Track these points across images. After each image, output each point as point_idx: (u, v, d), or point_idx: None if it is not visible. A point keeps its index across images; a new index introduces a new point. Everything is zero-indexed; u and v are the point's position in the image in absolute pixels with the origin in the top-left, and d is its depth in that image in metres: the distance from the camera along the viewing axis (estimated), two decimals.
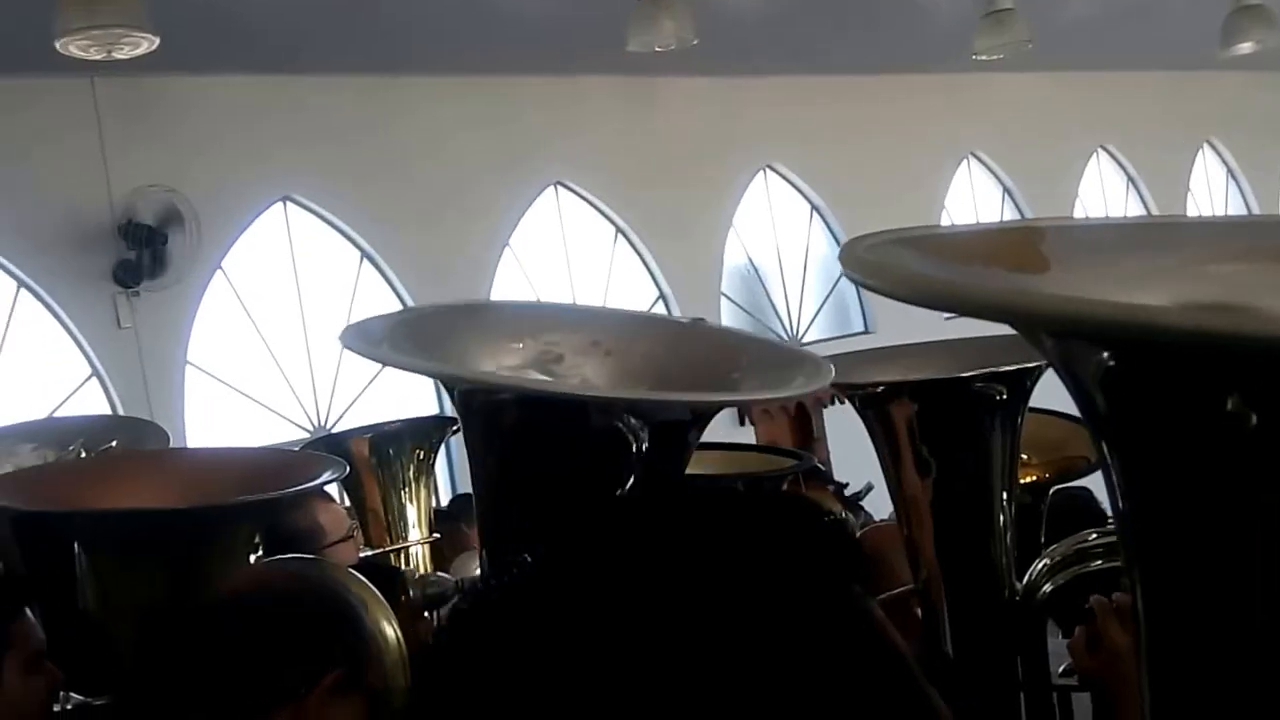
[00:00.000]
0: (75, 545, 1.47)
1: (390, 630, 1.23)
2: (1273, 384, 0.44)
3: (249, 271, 6.76)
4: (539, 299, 7.20)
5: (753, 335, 1.29)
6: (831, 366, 1.13)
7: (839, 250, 0.56)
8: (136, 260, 6.04)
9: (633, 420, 0.98)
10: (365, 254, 7.13)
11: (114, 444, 2.10)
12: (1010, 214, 9.97)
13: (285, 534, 2.22)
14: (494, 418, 1.07)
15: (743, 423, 8.19)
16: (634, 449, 0.98)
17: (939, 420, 1.50)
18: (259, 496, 1.56)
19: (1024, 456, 1.86)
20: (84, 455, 2.04)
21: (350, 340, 1.09)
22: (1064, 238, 0.63)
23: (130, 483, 1.66)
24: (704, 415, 1.08)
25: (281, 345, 6.81)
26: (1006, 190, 10.18)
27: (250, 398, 6.62)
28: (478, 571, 1.23)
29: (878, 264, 0.54)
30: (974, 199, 9.97)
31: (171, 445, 2.47)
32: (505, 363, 1.15)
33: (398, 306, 7.23)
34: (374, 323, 1.17)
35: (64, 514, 1.51)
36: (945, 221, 9.44)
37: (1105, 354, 0.50)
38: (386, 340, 1.11)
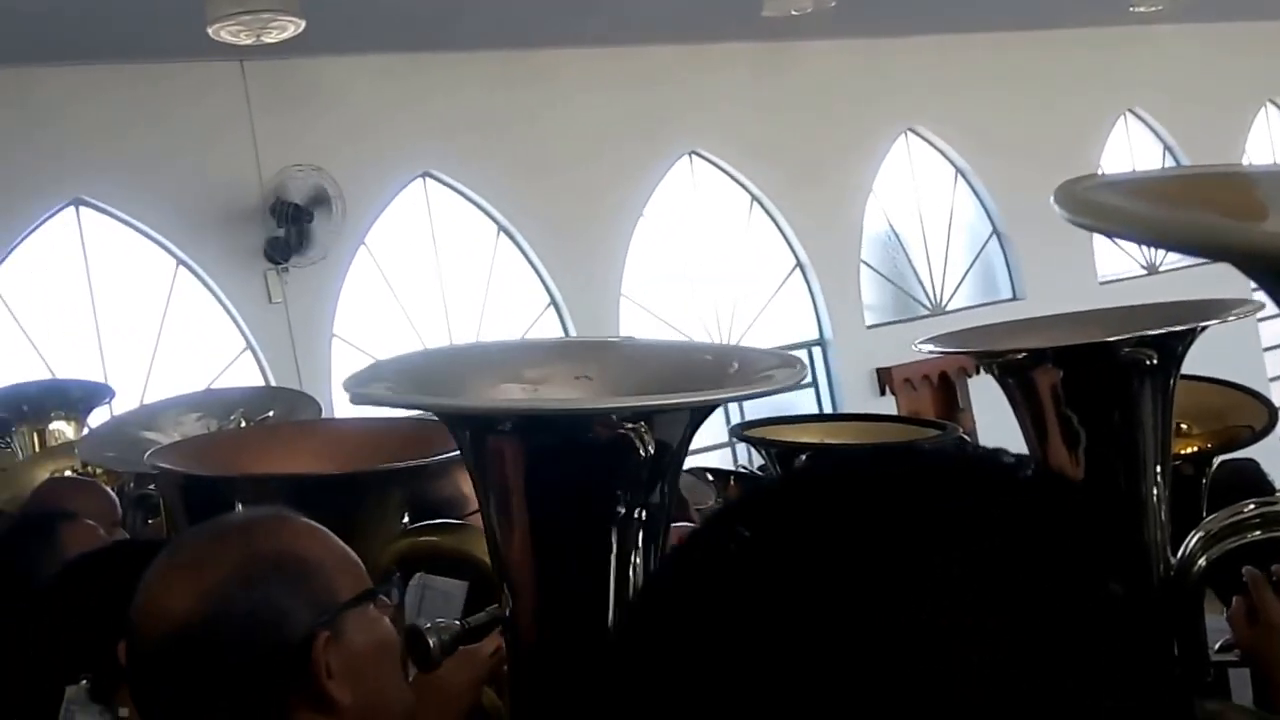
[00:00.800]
0: (238, 508, 1.55)
1: None
2: None
3: (391, 247, 6.97)
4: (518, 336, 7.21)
5: (694, 342, 1.32)
6: (803, 363, 1.13)
7: (1053, 194, 0.53)
8: (286, 238, 6.29)
9: (637, 425, 1.00)
10: (502, 227, 7.27)
11: (271, 414, 2.20)
12: None
13: (430, 502, 2.30)
14: (505, 445, 1.09)
15: (883, 392, 8.03)
16: (641, 455, 1.00)
17: (1084, 387, 1.44)
18: (408, 463, 1.61)
19: (1184, 426, 1.79)
20: (244, 424, 2.15)
21: (351, 386, 1.13)
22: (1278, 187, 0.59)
23: (287, 450, 1.75)
24: (701, 413, 1.09)
25: (422, 318, 7.02)
26: (1167, 148, 9.61)
27: None
28: None
29: (1102, 204, 0.50)
30: (1132, 158, 9.45)
31: (322, 415, 2.58)
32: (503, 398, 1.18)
33: (533, 279, 7.36)
34: (364, 373, 1.22)
35: (229, 479, 1.60)
36: None
37: None
38: (386, 385, 1.15)
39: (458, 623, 1.29)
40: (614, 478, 1.06)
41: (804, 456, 2.36)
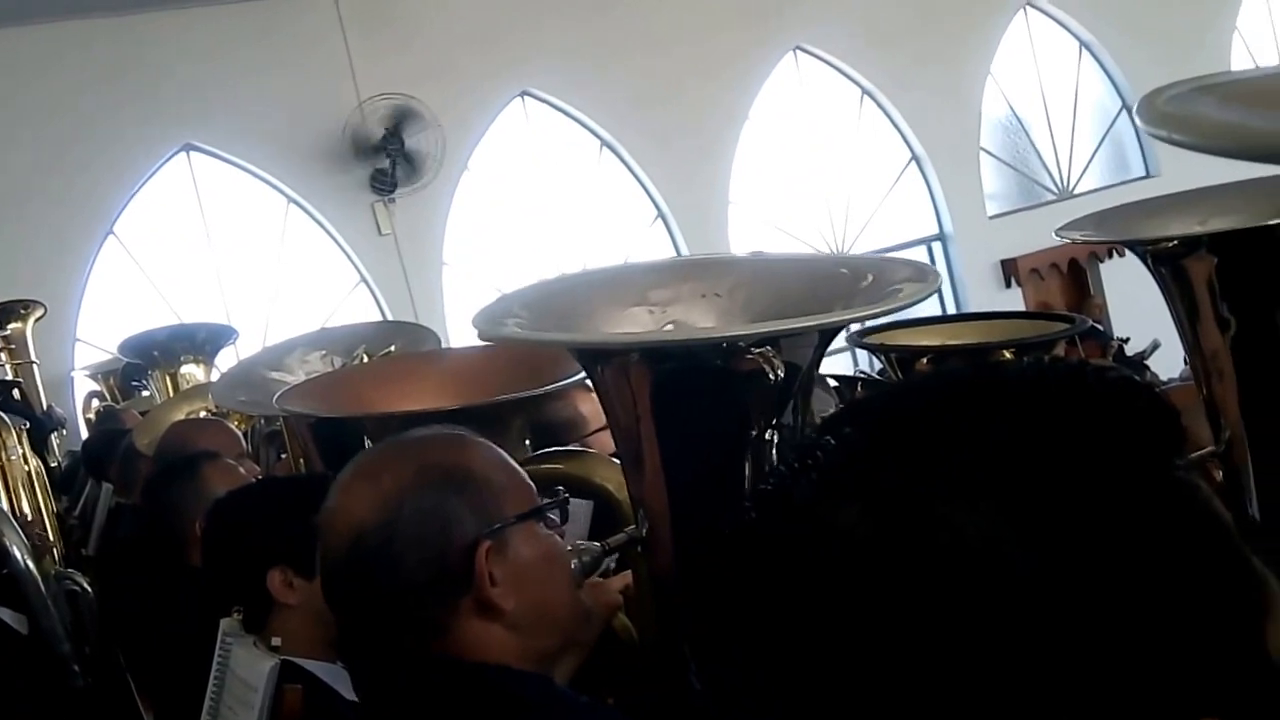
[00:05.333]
0: (368, 445, 1.57)
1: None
2: None
3: (494, 170, 6.96)
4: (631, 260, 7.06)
5: (822, 254, 1.24)
6: (934, 268, 1.12)
7: (1135, 107, 0.49)
8: (390, 168, 6.34)
9: (765, 350, 0.99)
10: (604, 142, 7.19)
11: (393, 348, 2.23)
12: None
13: (551, 423, 2.31)
14: (636, 375, 1.09)
15: (1009, 284, 7.75)
16: (771, 379, 0.99)
17: (1242, 274, 1.40)
18: (527, 393, 1.61)
19: None
20: (367, 359, 2.19)
21: (485, 329, 1.13)
22: None
23: (410, 383, 1.78)
24: (830, 334, 1.08)
25: (529, 240, 7.02)
26: None
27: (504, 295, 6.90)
28: None
29: (1183, 117, 0.46)
30: (1273, 21, 8.72)
31: (441, 345, 2.62)
32: (629, 328, 1.19)
33: (639, 192, 7.28)
34: (493, 308, 1.21)
35: (354, 418, 1.62)
36: (1238, 49, 8.35)
37: None
38: (516, 321, 1.15)
39: (598, 545, 1.29)
40: (745, 402, 1.05)
41: (924, 360, 2.32)
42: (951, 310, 7.43)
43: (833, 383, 3.96)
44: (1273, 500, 1.47)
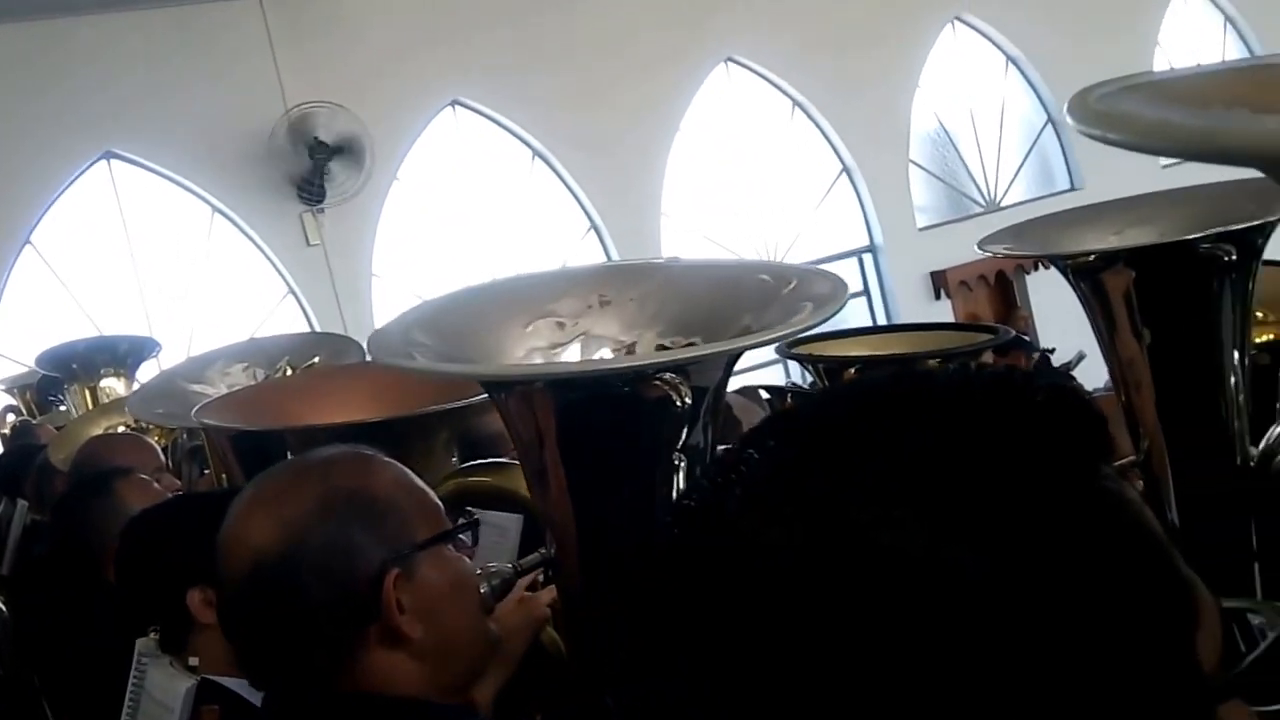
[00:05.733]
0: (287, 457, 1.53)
1: None
2: None
3: (425, 180, 6.88)
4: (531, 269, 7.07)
5: (735, 261, 1.22)
6: (841, 281, 1.10)
7: (1067, 105, 0.49)
8: (319, 178, 6.24)
9: (671, 377, 0.98)
10: (536, 152, 7.17)
11: (316, 360, 2.19)
12: (1234, 45, 8.98)
13: (481, 436, 2.29)
14: (549, 403, 1.08)
15: (939, 296, 7.88)
16: (678, 405, 0.98)
17: (1160, 287, 1.42)
18: (453, 404, 1.58)
19: (1259, 314, 1.73)
20: (290, 372, 2.15)
21: (379, 355, 1.10)
22: None
23: (334, 395, 1.74)
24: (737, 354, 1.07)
25: (461, 250, 6.94)
26: (1228, 19, 9.15)
27: None
28: None
29: (1115, 115, 0.47)
30: (1192, 33, 9.02)
31: (366, 357, 2.58)
32: (532, 345, 1.17)
33: (571, 203, 7.27)
34: (391, 330, 1.17)
35: (275, 432, 1.58)
36: (1160, 61, 8.61)
37: None
38: (411, 347, 1.12)
39: (509, 566, 1.28)
40: (651, 425, 1.04)
41: (852, 370, 2.34)
42: (883, 321, 7.55)
43: (764, 394, 3.98)
44: (1192, 508, 1.51)
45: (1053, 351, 6.35)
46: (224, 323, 6.10)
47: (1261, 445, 1.45)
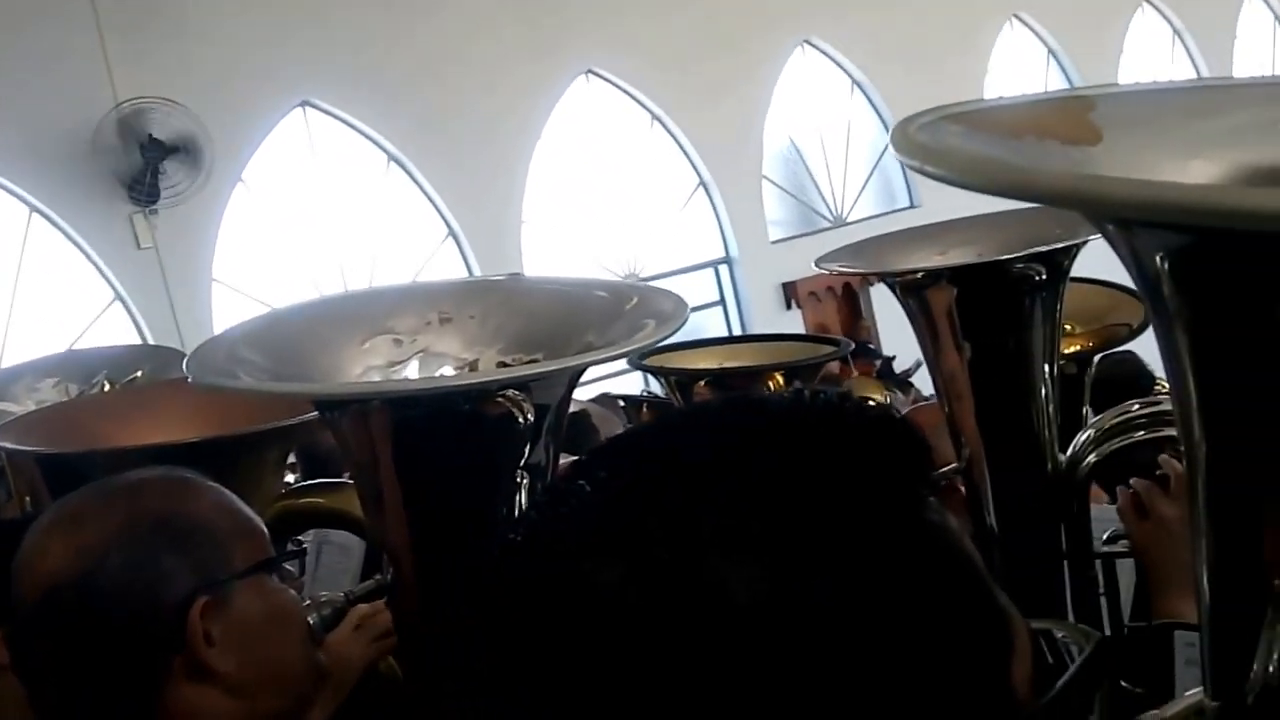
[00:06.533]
0: None
1: None
2: None
3: (273, 183, 6.65)
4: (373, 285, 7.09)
5: (577, 279, 1.23)
6: (682, 300, 1.10)
7: (890, 134, 0.51)
8: (152, 177, 5.93)
9: (514, 394, 0.97)
10: (392, 157, 7.02)
11: (139, 374, 2.08)
12: (1055, 75, 9.61)
13: (321, 451, 2.21)
14: (383, 422, 1.04)
15: (790, 306, 8.10)
16: (521, 422, 0.98)
17: (978, 304, 1.50)
18: (282, 423, 1.52)
19: (1067, 327, 1.86)
20: (108, 388, 2.03)
21: (198, 374, 1.04)
22: (1114, 106, 0.62)
23: (154, 414, 1.64)
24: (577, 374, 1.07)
25: (311, 257, 6.73)
26: (1051, 51, 9.76)
27: None
28: None
29: (934, 148, 0.48)
30: (1018, 62, 9.58)
31: None
32: (369, 363, 1.13)
33: (429, 210, 7.15)
34: (214, 347, 1.12)
35: (83, 454, 1.48)
36: (990, 88, 9.09)
37: (1175, 236, 0.48)
38: (236, 365, 1.07)
39: (341, 595, 1.23)
40: (491, 444, 1.02)
41: (702, 383, 2.38)
42: (738, 329, 7.72)
43: (620, 404, 4.00)
44: (1008, 512, 1.59)
45: (894, 359, 6.64)
46: (42, 332, 5.72)
47: (1069, 452, 1.54)
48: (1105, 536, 1.55)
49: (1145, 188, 0.43)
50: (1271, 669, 0.54)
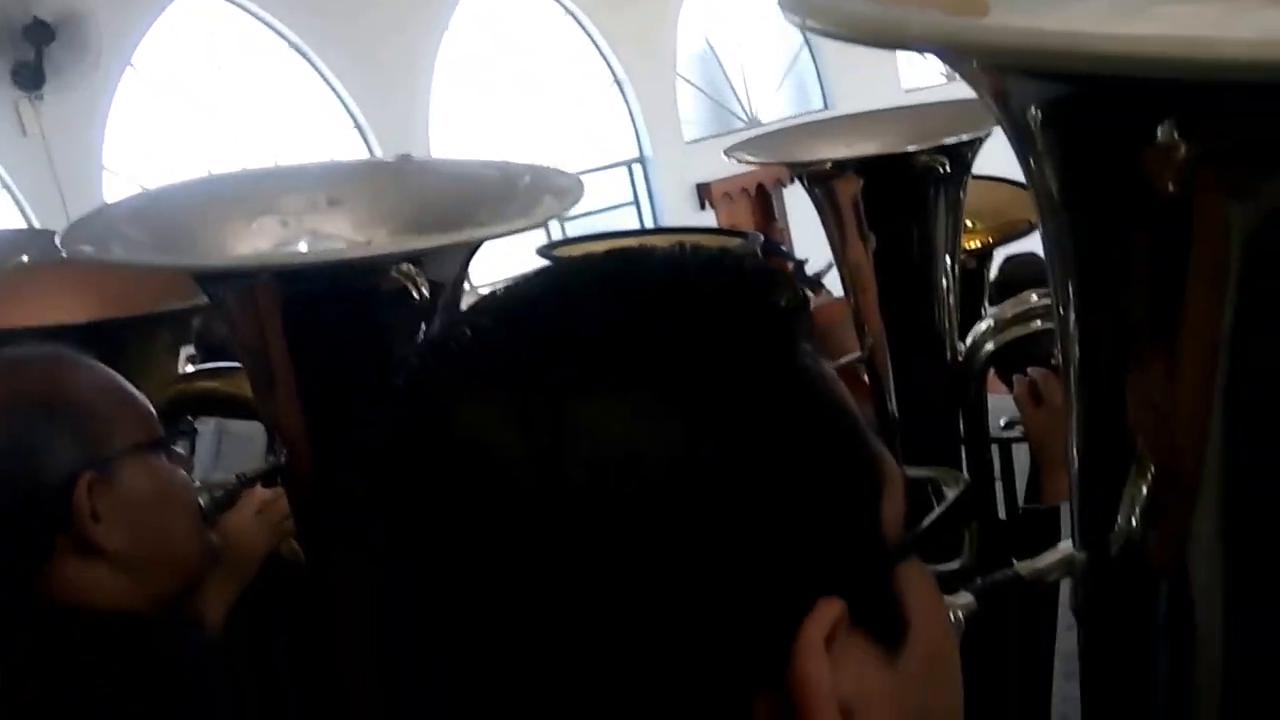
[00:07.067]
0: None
1: None
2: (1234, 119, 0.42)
3: (164, 68, 6.36)
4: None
5: (469, 160, 1.20)
6: (578, 178, 1.09)
7: None
8: (36, 61, 5.62)
9: (408, 269, 0.95)
10: (292, 44, 6.72)
11: (24, 259, 1.98)
12: None
13: (218, 339, 2.15)
14: (275, 300, 1.02)
15: (704, 207, 8.08)
16: (417, 298, 0.95)
17: (884, 195, 1.53)
18: (176, 305, 1.48)
19: (968, 223, 1.90)
20: None
21: (72, 245, 1.00)
22: None
23: (39, 297, 1.59)
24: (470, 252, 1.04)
25: (208, 146, 6.47)
26: None
27: None
28: None
29: (819, 5, 0.48)
30: None
31: None
32: (256, 244, 1.10)
33: (333, 100, 6.89)
34: (92, 221, 1.07)
35: None
36: None
37: (1047, 86, 0.50)
38: (115, 241, 1.03)
39: (233, 477, 1.21)
40: (386, 321, 1.00)
41: None
42: None
43: None
44: (909, 400, 1.64)
45: (806, 261, 6.70)
46: None
47: (968, 341, 1.59)
48: (1002, 423, 1.60)
49: (1015, 32, 0.44)
50: (1134, 522, 0.57)
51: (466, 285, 1.07)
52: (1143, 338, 0.52)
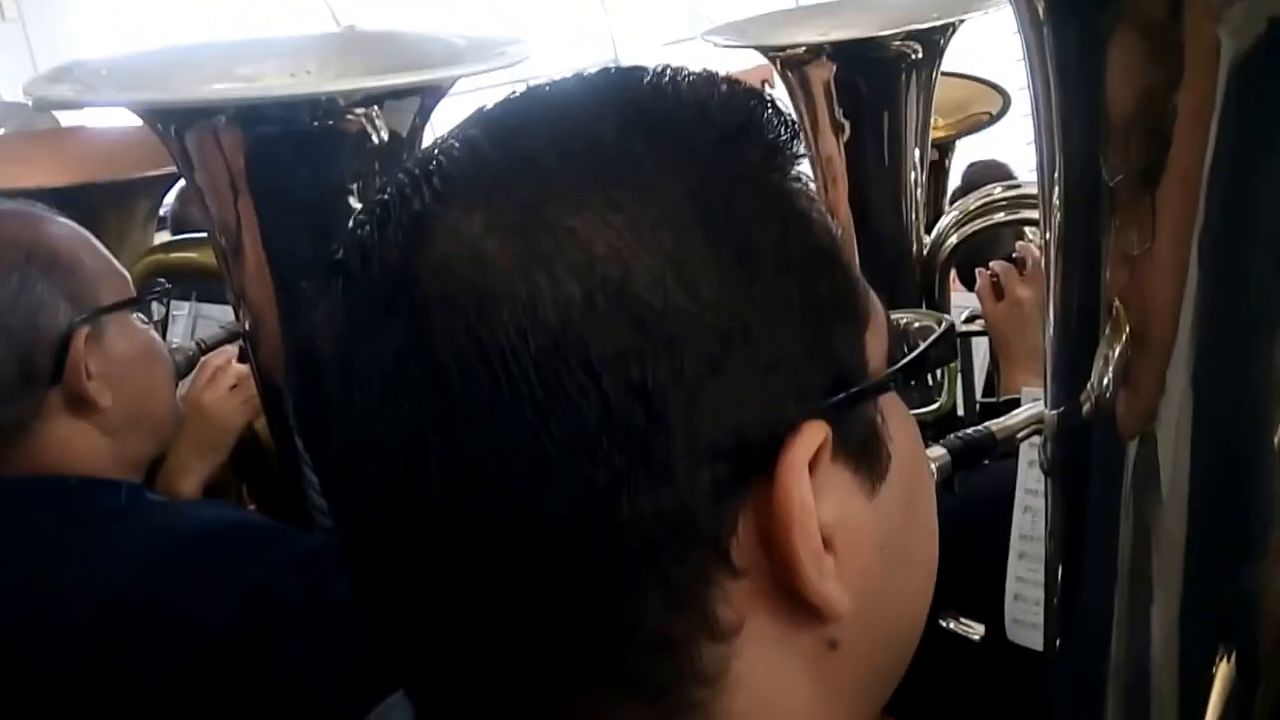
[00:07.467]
0: None
1: None
2: None
3: None
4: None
5: (414, 31, 1.19)
6: (525, 44, 1.07)
7: None
8: None
9: (367, 110, 0.93)
10: None
11: (2, 130, 1.93)
12: None
13: (196, 225, 2.11)
14: (239, 144, 0.98)
15: None
16: (375, 141, 0.94)
17: (857, 80, 1.55)
18: (151, 172, 1.47)
19: (934, 120, 1.91)
20: None
21: (37, 93, 0.97)
22: None
23: (18, 164, 1.58)
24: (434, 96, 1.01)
25: (175, 22, 6.24)
26: None
27: None
28: None
29: None
30: None
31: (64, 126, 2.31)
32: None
33: None
34: (60, 73, 1.04)
35: None
36: None
37: None
38: (83, 92, 1.01)
39: (192, 344, 1.21)
40: (345, 170, 0.98)
41: None
42: None
43: None
44: (875, 289, 1.66)
45: None
46: None
47: (932, 235, 1.61)
48: (963, 317, 1.63)
49: None
50: (1106, 381, 0.56)
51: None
52: (1122, 185, 0.51)
